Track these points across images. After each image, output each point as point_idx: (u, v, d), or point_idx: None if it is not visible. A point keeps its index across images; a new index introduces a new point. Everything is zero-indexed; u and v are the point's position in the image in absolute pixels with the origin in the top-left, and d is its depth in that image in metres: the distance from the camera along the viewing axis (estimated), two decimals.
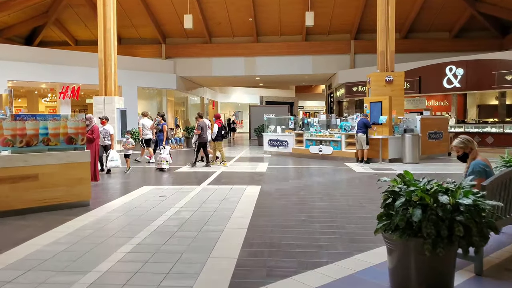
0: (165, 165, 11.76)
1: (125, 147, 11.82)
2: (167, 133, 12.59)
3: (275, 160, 14.60)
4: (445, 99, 25.07)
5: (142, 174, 11.35)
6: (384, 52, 17.42)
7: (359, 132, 13.26)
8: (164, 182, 10.00)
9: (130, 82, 23.90)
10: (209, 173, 11.29)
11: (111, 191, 8.97)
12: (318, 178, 10.23)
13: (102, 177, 10.62)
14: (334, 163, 13.44)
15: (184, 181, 9.96)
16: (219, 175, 10.80)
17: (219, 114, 13.84)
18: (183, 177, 10.64)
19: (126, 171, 11.53)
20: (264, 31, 26.42)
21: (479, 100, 25.15)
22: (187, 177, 10.63)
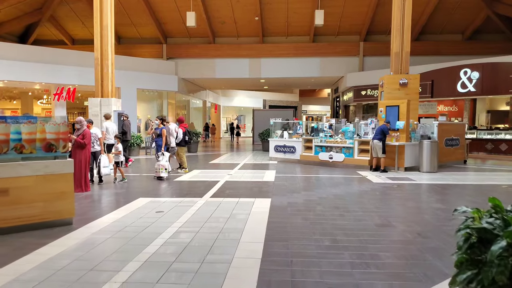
0: (164, 173, 10.73)
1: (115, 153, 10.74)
2: (166, 139, 11.43)
3: (282, 168, 13.53)
4: (454, 104, 24.01)
5: (139, 184, 10.28)
6: (398, 53, 16.40)
7: (375, 138, 12.21)
8: (162, 193, 8.93)
9: (129, 83, 22.89)
10: (212, 182, 10.21)
11: (101, 204, 7.90)
12: (333, 189, 9.15)
13: (93, 187, 9.57)
14: (347, 172, 12.36)
15: (184, 193, 8.88)
16: (223, 185, 9.73)
17: (182, 117, 13.06)
18: (183, 188, 9.56)
19: (120, 181, 10.46)
20: (270, 32, 25.40)
21: (489, 106, 24.07)
22: (188, 188, 9.55)
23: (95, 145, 10.16)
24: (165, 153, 10.99)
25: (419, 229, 6.04)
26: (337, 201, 7.94)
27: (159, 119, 11.80)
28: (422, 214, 7.01)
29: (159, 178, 10.73)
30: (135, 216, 6.78)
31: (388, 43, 24.92)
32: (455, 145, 14.44)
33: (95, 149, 10.14)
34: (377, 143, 12.12)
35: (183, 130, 12.33)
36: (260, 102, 39.80)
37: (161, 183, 10.15)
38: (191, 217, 6.69)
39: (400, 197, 8.44)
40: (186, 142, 12.38)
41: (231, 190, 9.11)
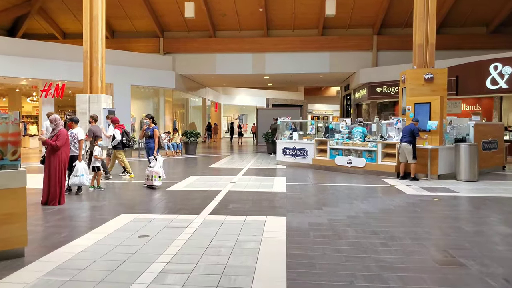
0: (157, 181, 8.99)
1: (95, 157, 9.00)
2: (159, 140, 9.66)
3: (293, 174, 11.77)
4: (477, 103, 22.16)
5: (124, 194, 8.52)
6: (422, 45, 14.64)
7: (404, 141, 10.44)
8: (150, 208, 7.17)
9: (123, 79, 21.21)
10: (211, 193, 8.44)
11: (72, 223, 6.13)
12: (361, 204, 7.38)
13: (71, 199, 7.82)
14: (370, 180, 10.60)
15: (178, 207, 7.11)
16: (225, 197, 7.95)
17: (117, 118, 11.16)
18: (178, 200, 7.79)
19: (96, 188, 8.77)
20: (276, 24, 23.62)
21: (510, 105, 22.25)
22: (182, 200, 7.77)
23: (73, 148, 8.42)
24: (159, 158, 9.25)
25: (502, 270, 4.28)
26: (371, 221, 6.16)
27: (149, 117, 9.98)
28: (491, 243, 5.24)
29: (150, 186, 9.00)
30: (110, 242, 5.03)
31: (404, 36, 23.25)
32: (493, 149, 12.65)
33: (73, 153, 8.41)
34: (406, 146, 10.36)
35: (120, 131, 10.59)
36: (263, 101, 38.05)
37: (150, 194, 8.38)
38: (184, 245, 4.94)
39: (450, 216, 6.67)
40: (124, 144, 10.61)
41: (235, 204, 7.33)
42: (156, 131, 9.53)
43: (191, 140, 18.82)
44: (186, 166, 13.76)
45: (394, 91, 21.55)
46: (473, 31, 23.16)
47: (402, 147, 10.47)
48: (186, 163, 14.83)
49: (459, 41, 22.38)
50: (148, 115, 9.89)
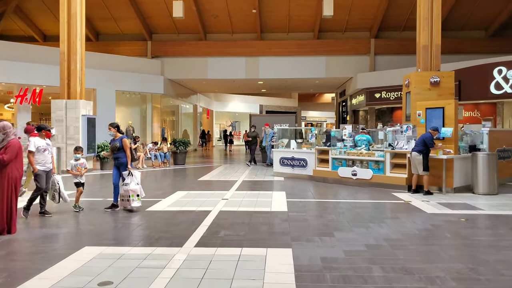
0: (136, 202, 7.43)
1: (78, 172, 7.60)
2: (131, 152, 8.00)
3: (292, 188, 10.51)
4: (476, 109, 21.12)
5: (94, 217, 7.14)
6: (427, 46, 13.66)
7: (415, 150, 9.26)
8: (123, 236, 5.84)
9: (107, 84, 19.93)
10: (199, 215, 7.09)
11: (17, 263, 4.81)
12: (379, 228, 6.11)
13: (27, 223, 6.49)
14: (379, 194, 9.37)
15: (157, 235, 5.77)
16: (216, 221, 6.61)
17: (31, 126, 8.65)
18: (158, 225, 6.45)
19: (76, 209, 7.43)
20: (270, 27, 22.47)
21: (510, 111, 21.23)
22: (164, 225, 6.42)
23: (46, 163, 7.09)
24: (135, 172, 7.66)
25: None
26: (398, 254, 4.91)
27: (113, 126, 7.89)
28: None
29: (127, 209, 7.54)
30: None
31: (403, 40, 22.25)
32: (507, 158, 11.53)
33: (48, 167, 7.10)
34: (416, 156, 9.17)
35: None
36: (257, 108, 36.89)
37: (126, 217, 7.03)
38: None
39: (489, 244, 5.41)
40: None
41: (228, 230, 6.01)
42: (125, 140, 7.75)
43: (180, 150, 17.52)
44: (173, 179, 12.45)
45: (394, 96, 20.48)
46: (472, 35, 22.26)
47: (412, 157, 9.29)
48: (173, 176, 13.53)
49: (458, 45, 21.35)
50: (113, 124, 7.96)
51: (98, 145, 15.35)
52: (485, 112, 20.19)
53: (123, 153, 7.56)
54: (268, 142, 16.26)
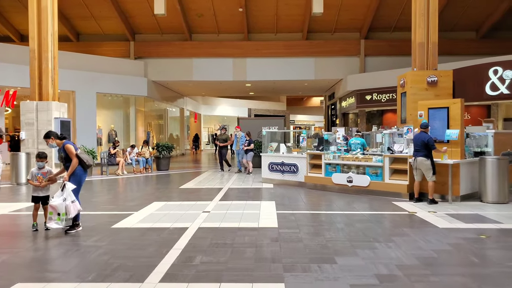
0: (55, 223, 5.96)
1: (39, 183, 6.34)
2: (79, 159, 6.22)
3: (282, 196, 9.59)
4: (467, 112, 20.44)
5: (44, 242, 6.03)
6: (423, 44, 12.97)
7: (420, 155, 8.40)
8: (70, 267, 4.74)
9: (87, 86, 18.92)
10: (173, 234, 6.08)
11: None
12: (388, 250, 5.13)
13: None
14: (379, 204, 8.49)
15: (115, 265, 4.71)
16: (192, 242, 5.58)
17: None
18: (120, 248, 5.37)
19: (33, 228, 6.31)
20: (257, 27, 21.61)
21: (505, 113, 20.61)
22: (128, 249, 5.37)
23: None
24: (68, 185, 6.04)
25: None
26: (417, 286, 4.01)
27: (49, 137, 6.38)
28: None
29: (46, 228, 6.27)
30: None
31: (393, 41, 21.57)
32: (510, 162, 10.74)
33: None
34: (424, 161, 8.31)
35: None
36: (245, 111, 36.05)
37: (84, 238, 5.98)
38: None
39: None
40: None
41: (206, 255, 4.96)
42: (68, 146, 6.21)
43: (164, 154, 16.52)
44: (151, 187, 11.45)
45: (385, 98, 19.73)
46: (463, 36, 21.65)
47: (418, 163, 8.42)
48: (153, 183, 12.53)
49: (449, 46, 20.67)
50: (48, 134, 6.38)
51: None
52: (475, 114, 19.54)
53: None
54: (239, 146, 15.39)
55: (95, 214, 7.63)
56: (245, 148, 14.98)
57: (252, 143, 15.12)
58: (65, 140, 6.34)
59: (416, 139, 8.51)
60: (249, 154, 15.01)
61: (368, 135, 12.69)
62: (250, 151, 15.04)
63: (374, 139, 12.38)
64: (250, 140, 15.18)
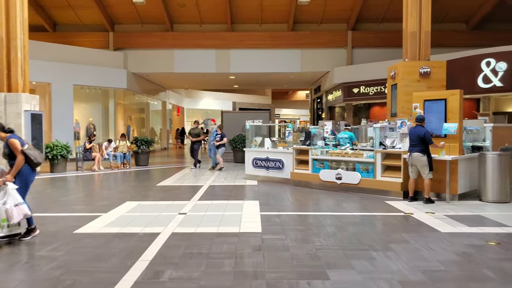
0: None
1: None
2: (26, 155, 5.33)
3: (267, 195, 8.91)
4: None
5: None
6: (415, 33, 12.45)
7: (415, 150, 7.79)
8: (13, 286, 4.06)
9: (64, 78, 18.04)
10: (143, 240, 5.37)
11: None
12: (387, 261, 4.45)
13: None
14: (371, 203, 7.87)
15: (68, 282, 4.00)
16: (162, 251, 4.87)
17: None
18: (77, 260, 4.61)
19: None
20: (241, 18, 20.83)
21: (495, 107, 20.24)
22: (86, 261, 4.63)
23: None
24: (10, 185, 5.16)
25: None
26: None
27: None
28: None
29: None
30: None
31: (381, 32, 20.97)
32: None
33: None
34: (420, 157, 7.70)
35: None
36: (230, 105, 35.25)
37: (40, 247, 5.22)
38: None
39: None
40: None
41: (176, 269, 4.23)
42: (12, 141, 5.33)
43: (142, 149, 15.72)
44: (126, 185, 10.67)
45: (373, 91, 19.15)
46: (453, 27, 21.15)
47: (414, 159, 7.81)
48: (129, 180, 11.75)
49: (438, 38, 20.13)
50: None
51: (47, 145, 13.43)
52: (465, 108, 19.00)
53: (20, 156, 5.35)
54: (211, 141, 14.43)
55: (60, 216, 6.86)
56: (217, 143, 13.90)
57: (224, 137, 14.02)
58: (10, 134, 5.48)
59: (412, 133, 7.89)
60: (220, 149, 13.88)
61: (356, 129, 12.06)
62: (221, 146, 13.93)
63: (363, 133, 11.79)
64: (222, 134, 14.08)
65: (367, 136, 11.36)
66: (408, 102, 11.68)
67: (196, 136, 14.94)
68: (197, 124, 15.39)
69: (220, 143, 13.86)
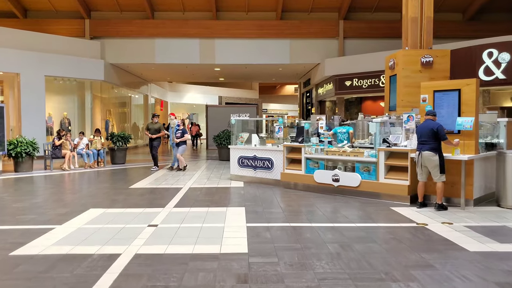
0: None
1: None
2: None
3: (255, 200, 7.78)
4: None
5: None
6: (416, 19, 11.43)
7: (426, 149, 6.71)
8: None
9: (34, 68, 16.73)
10: (96, 265, 4.28)
11: None
12: None
13: None
14: (375, 210, 6.79)
15: None
16: (114, 286, 3.78)
17: None
18: None
19: None
20: (227, 5, 19.64)
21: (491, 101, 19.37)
22: None
23: None
24: None
25: None
26: None
27: None
28: None
29: None
30: None
31: (374, 22, 19.94)
32: None
33: None
34: (431, 156, 6.63)
35: None
36: (215, 99, 34.01)
37: None
38: None
39: None
40: None
41: None
42: None
43: (119, 146, 14.46)
44: (96, 187, 9.44)
45: (367, 84, 18.12)
46: (448, 18, 20.20)
47: (424, 158, 6.73)
48: (100, 181, 10.52)
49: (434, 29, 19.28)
50: None
51: (10, 141, 12.13)
52: None
53: None
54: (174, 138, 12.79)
55: (1, 230, 5.62)
56: (177, 140, 12.36)
57: (186, 134, 12.54)
58: None
59: (422, 128, 6.80)
60: (181, 147, 12.37)
61: (353, 124, 10.98)
62: (182, 144, 12.42)
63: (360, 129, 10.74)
64: (184, 130, 12.61)
65: (364, 132, 10.33)
66: (408, 94, 10.66)
67: (156, 132, 12.90)
68: (157, 118, 13.38)
69: (181, 140, 12.32)
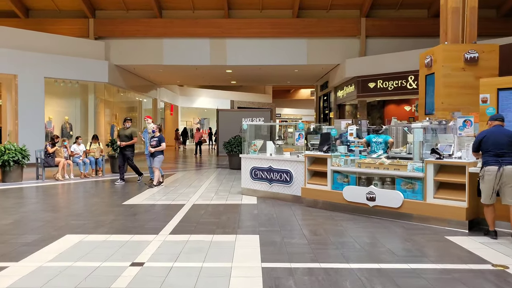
0: None
1: None
2: None
3: (271, 224, 6.31)
4: None
5: None
6: (458, 9, 9.90)
7: (508, 161, 5.18)
8: None
9: (33, 69, 15.73)
10: None
11: None
12: None
13: None
14: (428, 242, 5.28)
15: None
16: None
17: None
18: None
19: None
20: (239, 3, 18.33)
21: None
22: None
23: None
24: None
25: None
26: None
27: None
28: None
29: None
30: None
31: (399, 20, 18.37)
32: None
33: None
34: None
35: None
36: (227, 104, 32.74)
37: None
38: None
39: None
40: None
41: None
42: None
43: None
44: (83, 203, 8.06)
45: (392, 86, 16.57)
46: (483, 14, 18.54)
47: (507, 175, 5.17)
48: (92, 194, 9.14)
49: None
50: None
51: None
52: None
53: None
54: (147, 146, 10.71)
55: None
56: (152, 149, 10.05)
57: (162, 142, 10.16)
58: None
59: (499, 136, 5.26)
60: (157, 158, 10.07)
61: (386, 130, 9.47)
62: (159, 154, 10.12)
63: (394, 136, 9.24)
64: (161, 137, 10.24)
65: (399, 140, 8.83)
66: (449, 96, 9.19)
67: (126, 139, 10.81)
68: (129, 123, 11.13)
69: (156, 149, 10.05)
